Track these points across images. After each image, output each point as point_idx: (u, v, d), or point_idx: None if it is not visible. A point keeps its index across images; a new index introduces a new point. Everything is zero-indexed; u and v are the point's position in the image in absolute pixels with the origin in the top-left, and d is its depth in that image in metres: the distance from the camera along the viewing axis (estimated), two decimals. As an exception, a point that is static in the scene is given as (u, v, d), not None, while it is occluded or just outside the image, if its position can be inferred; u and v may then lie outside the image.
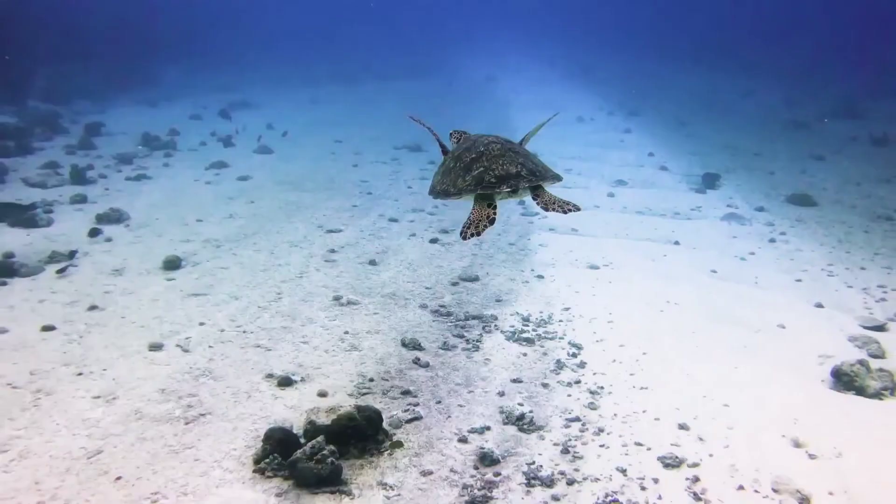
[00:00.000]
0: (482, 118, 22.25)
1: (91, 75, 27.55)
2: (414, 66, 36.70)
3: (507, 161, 4.14)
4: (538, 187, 4.21)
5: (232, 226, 10.59)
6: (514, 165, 4.11)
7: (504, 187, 4.04)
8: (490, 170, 4.10)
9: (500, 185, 4.05)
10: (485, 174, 4.10)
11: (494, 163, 4.13)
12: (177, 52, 34.68)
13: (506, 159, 4.14)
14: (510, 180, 4.05)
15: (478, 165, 4.15)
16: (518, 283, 8.57)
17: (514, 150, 4.28)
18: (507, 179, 4.05)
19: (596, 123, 21.53)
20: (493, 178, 4.07)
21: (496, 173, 4.08)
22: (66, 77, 26.54)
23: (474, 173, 4.13)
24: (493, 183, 4.05)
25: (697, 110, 24.45)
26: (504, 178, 4.06)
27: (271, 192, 12.67)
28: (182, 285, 8.18)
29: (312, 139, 18.45)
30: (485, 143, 4.31)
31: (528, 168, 4.14)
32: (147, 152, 15.99)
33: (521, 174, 4.08)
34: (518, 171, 4.09)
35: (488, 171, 4.10)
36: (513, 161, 4.14)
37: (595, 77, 33.60)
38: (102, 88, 26.97)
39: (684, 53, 39.15)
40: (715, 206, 12.79)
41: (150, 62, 31.98)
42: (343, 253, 9.47)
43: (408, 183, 13.65)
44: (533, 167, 4.19)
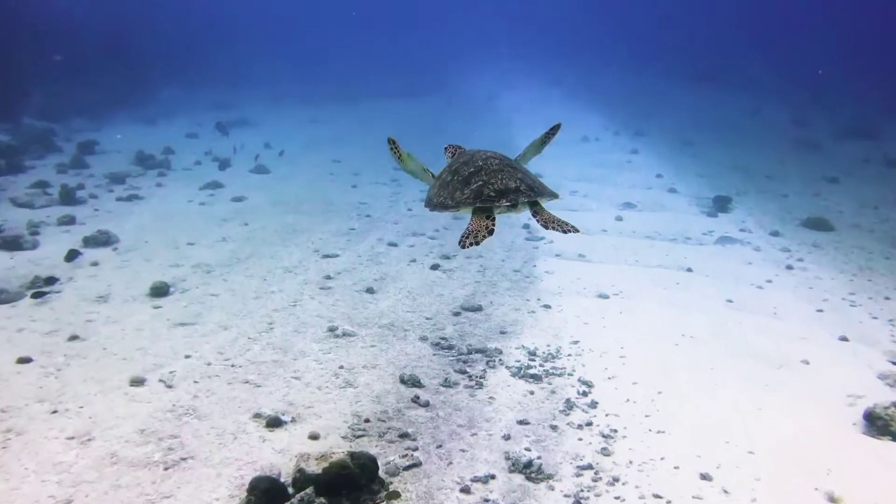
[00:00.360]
0: (483, 137, 21.84)
1: (88, 92, 27.25)
2: (414, 84, 36.38)
3: (507, 176, 4.13)
4: (536, 204, 4.25)
5: (224, 250, 10.15)
6: (514, 180, 4.11)
7: (503, 201, 4.02)
8: (489, 184, 4.08)
9: (499, 199, 4.03)
10: (484, 188, 4.07)
11: (493, 177, 4.11)
12: (175, 68, 34.40)
13: (505, 174, 4.14)
14: (509, 195, 4.04)
15: (476, 179, 4.13)
16: (524, 313, 8.11)
17: (512, 165, 4.29)
18: (507, 194, 4.04)
19: (601, 143, 21.14)
20: (492, 192, 4.04)
21: (495, 187, 4.05)
22: (62, 94, 26.24)
23: (473, 187, 4.10)
24: (493, 197, 4.03)
25: (704, 129, 24.05)
26: (503, 193, 4.04)
27: (267, 214, 12.24)
28: (169, 314, 7.73)
29: (310, 159, 18.05)
30: (483, 157, 4.31)
31: (527, 184, 4.16)
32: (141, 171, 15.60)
33: (521, 189, 4.08)
34: (517, 186, 4.08)
35: (487, 185, 4.07)
36: (512, 176, 4.14)
37: (599, 95, 33.22)
38: (99, 106, 26.66)
39: (688, 70, 38.83)
40: (727, 230, 12.35)
41: (149, 79, 31.70)
42: (339, 280, 9.02)
43: (408, 205, 13.22)
44: (532, 183, 4.22)
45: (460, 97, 33.20)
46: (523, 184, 4.14)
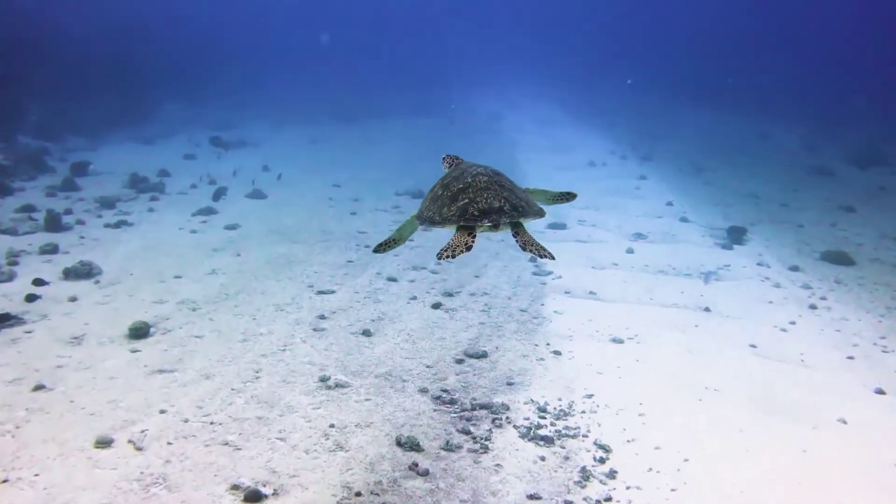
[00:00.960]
0: (486, 159, 21.28)
1: (87, 110, 26.79)
2: (417, 103, 35.94)
3: (492, 195, 4.17)
4: (519, 224, 4.26)
5: (213, 284, 9.53)
6: (498, 200, 4.15)
7: (486, 221, 4.08)
8: (474, 202, 4.14)
9: (482, 218, 4.08)
10: (469, 206, 4.13)
11: (479, 195, 4.16)
12: (177, 86, 34.00)
13: (490, 193, 4.18)
14: (492, 215, 4.09)
15: (463, 196, 4.19)
16: (532, 360, 7.48)
17: (500, 182, 4.31)
18: (490, 214, 4.09)
19: (609, 168, 20.56)
20: (475, 212, 4.10)
21: (479, 206, 4.11)
22: (60, 112, 25.79)
23: (459, 204, 4.17)
24: (476, 216, 4.09)
25: (713, 154, 23.50)
26: (486, 213, 4.09)
27: (260, 244, 11.64)
28: (147, 359, 7.11)
29: (309, 182, 17.48)
30: (473, 173, 4.34)
31: (511, 203, 4.17)
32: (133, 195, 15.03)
33: (504, 209, 4.12)
34: (501, 206, 4.12)
35: (472, 204, 4.13)
36: (497, 195, 4.18)
37: (604, 116, 32.76)
38: (97, 124, 26.18)
39: (692, 91, 38.38)
40: (744, 263, 11.73)
41: (149, 97, 31.28)
42: (334, 319, 8.40)
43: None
44: (517, 202, 4.22)
45: (463, 116, 32.71)
46: (507, 203, 4.16)
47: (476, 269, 10.67)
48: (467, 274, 10.42)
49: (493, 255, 11.45)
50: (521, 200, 4.31)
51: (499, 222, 4.13)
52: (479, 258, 11.28)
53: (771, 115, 32.11)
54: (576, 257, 11.58)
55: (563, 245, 12.27)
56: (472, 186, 4.23)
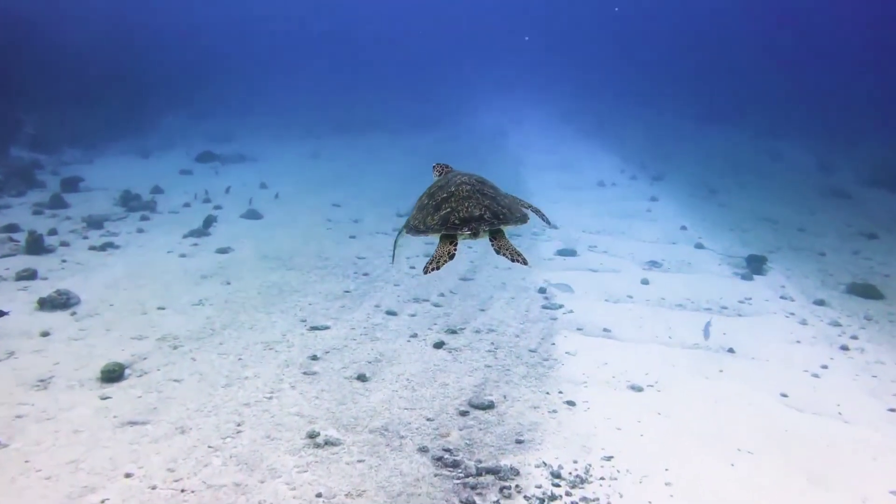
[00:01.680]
0: (491, 176, 20.63)
1: (84, 122, 26.22)
2: (421, 118, 35.36)
3: (473, 204, 4.24)
4: (499, 230, 4.31)
5: (198, 317, 8.85)
6: (479, 208, 4.23)
7: (465, 229, 4.15)
8: (456, 211, 4.22)
9: (462, 227, 4.16)
10: (450, 215, 4.21)
11: (461, 205, 4.24)
12: (176, 98, 33.48)
13: (472, 202, 4.26)
14: (472, 223, 4.17)
15: (446, 206, 4.27)
16: (543, 412, 6.78)
17: (482, 191, 4.37)
18: (470, 222, 4.17)
19: (618, 189, 19.88)
20: (456, 220, 4.18)
21: (460, 215, 4.19)
22: (57, 124, 25.22)
23: (442, 213, 4.25)
24: (457, 225, 4.17)
25: (725, 174, 22.83)
26: (467, 221, 4.17)
27: (252, 271, 10.96)
28: (118, 407, 6.42)
29: (308, 201, 16.82)
30: (457, 182, 4.42)
31: (492, 211, 4.24)
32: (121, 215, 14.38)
33: (484, 217, 4.19)
34: (481, 215, 4.20)
35: (454, 213, 4.21)
36: (478, 204, 4.25)
37: (612, 131, 32.12)
38: (94, 136, 25.61)
39: (702, 109, 37.76)
40: (766, 296, 11.04)
41: (148, 109, 30.72)
42: (327, 361, 7.70)
43: (410, 261, 11.93)
44: (498, 210, 4.27)
45: (469, 131, 32.09)
46: (489, 212, 4.22)
47: (481, 302, 9.98)
48: (472, 307, 9.74)
49: (499, 286, 10.77)
50: (504, 208, 4.33)
51: (478, 230, 4.19)
52: (484, 289, 10.60)
53: (783, 133, 31.50)
54: (588, 288, 10.89)
55: (574, 275, 11.57)
56: (455, 195, 4.31)
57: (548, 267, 12.04)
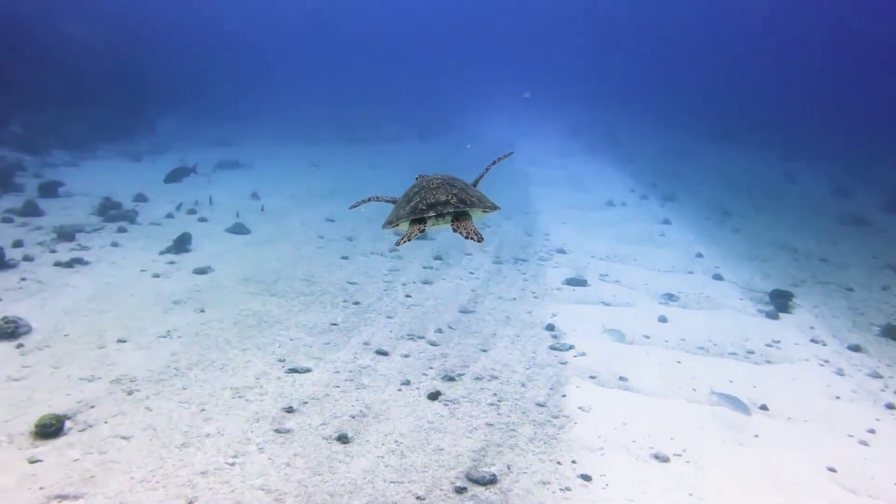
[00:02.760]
0: (497, 192, 19.63)
1: (76, 122, 25.25)
2: (427, 127, 34.37)
3: (441, 192, 4.67)
4: (464, 214, 4.68)
5: (163, 352, 7.82)
6: (446, 195, 4.65)
7: (431, 212, 4.54)
8: (424, 199, 4.66)
9: (428, 210, 4.56)
10: (419, 203, 4.65)
11: (429, 194, 4.68)
12: (175, 100, 32.54)
13: (440, 190, 4.69)
14: (438, 206, 4.57)
15: (416, 197, 4.74)
16: (554, 489, 5.75)
17: (452, 183, 4.81)
18: (436, 206, 4.58)
19: (628, 210, 18.86)
20: (423, 206, 4.61)
21: (428, 202, 4.62)
22: (46, 123, 24.26)
23: (412, 203, 4.71)
24: (423, 209, 4.58)
25: (739, 196, 21.83)
26: (433, 205, 4.60)
27: (231, 296, 9.93)
28: (48, 475, 5.39)
29: (301, 214, 15.81)
30: (430, 179, 4.92)
31: (459, 198, 4.64)
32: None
33: (450, 201, 4.60)
34: (447, 199, 4.62)
35: (422, 201, 4.66)
36: (446, 192, 4.67)
37: (622, 149, 31.13)
38: (86, 137, 24.66)
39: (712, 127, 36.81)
40: (795, 339, 10.02)
41: (146, 110, 29.77)
42: (304, 415, 6.67)
43: (406, 288, 10.91)
44: (465, 197, 4.68)
45: (474, 143, 31.11)
46: (455, 198, 4.62)
47: (483, 340, 8.96)
48: (472, 347, 8.71)
49: (502, 321, 9.74)
50: (472, 197, 4.74)
51: (443, 212, 4.54)
52: (486, 324, 9.58)
53: (796, 153, 30.53)
54: (600, 325, 9.86)
55: (585, 309, 10.55)
56: (425, 188, 4.76)
57: (556, 298, 11.03)
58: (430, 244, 13.73)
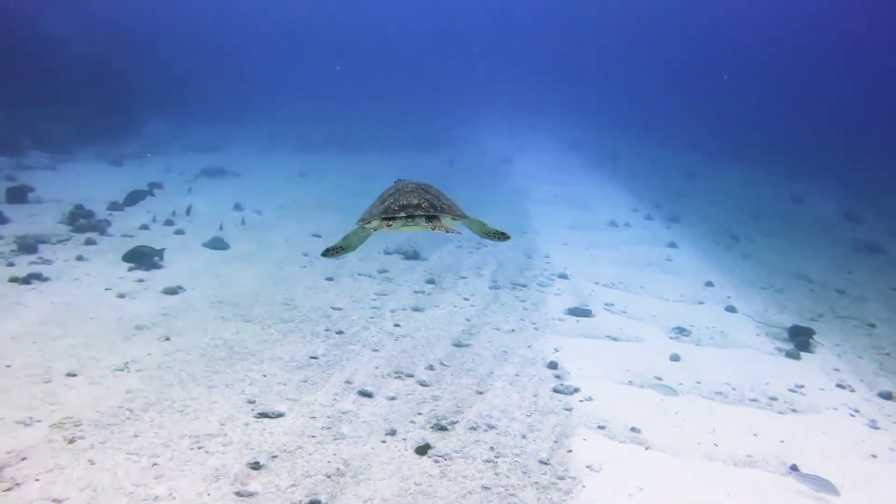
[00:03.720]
0: (493, 210, 18.79)
1: (57, 122, 24.29)
2: (422, 138, 33.49)
3: (413, 196, 4.94)
4: (436, 217, 4.88)
5: (117, 389, 6.87)
6: (417, 198, 4.91)
7: (402, 213, 4.80)
8: (397, 201, 4.92)
9: (400, 212, 4.82)
10: (392, 204, 4.90)
11: (403, 196, 4.94)
12: (163, 103, 31.59)
13: (413, 194, 4.96)
14: (409, 209, 4.83)
15: (391, 198, 4.98)
16: (564, 579, 4.82)
17: (425, 189, 5.07)
18: (407, 208, 4.83)
19: (632, 231, 17.98)
20: (396, 207, 4.87)
21: (400, 203, 4.89)
22: (25, 123, 23.29)
23: (386, 203, 4.95)
24: (395, 210, 4.84)
25: (745, 219, 21.01)
26: (404, 207, 4.85)
27: (202, 321, 8.99)
28: (-43, 550, 4.44)
29: (286, 229, 14.89)
30: (404, 183, 5.17)
31: (430, 203, 4.90)
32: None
33: (421, 205, 4.85)
34: (418, 203, 4.87)
35: (395, 202, 4.91)
36: (418, 196, 4.94)
37: (622, 166, 30.32)
38: (67, 138, 23.69)
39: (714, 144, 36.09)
40: (820, 383, 9.15)
41: (130, 111, 28.82)
42: (272, 472, 5.73)
43: (395, 316, 9.99)
44: (436, 203, 4.95)
45: (469, 157, 30.26)
46: (426, 202, 4.90)
47: (479, 380, 8.05)
48: (467, 388, 7.79)
49: (500, 356, 8.84)
50: (443, 203, 5.03)
51: (414, 214, 4.82)
52: (482, 360, 8.67)
53: (802, 174, 29.79)
54: (607, 364, 8.97)
55: (590, 344, 9.65)
56: (399, 191, 5.04)
57: (558, 330, 10.12)
58: (423, 265, 12.83)
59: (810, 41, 53.63)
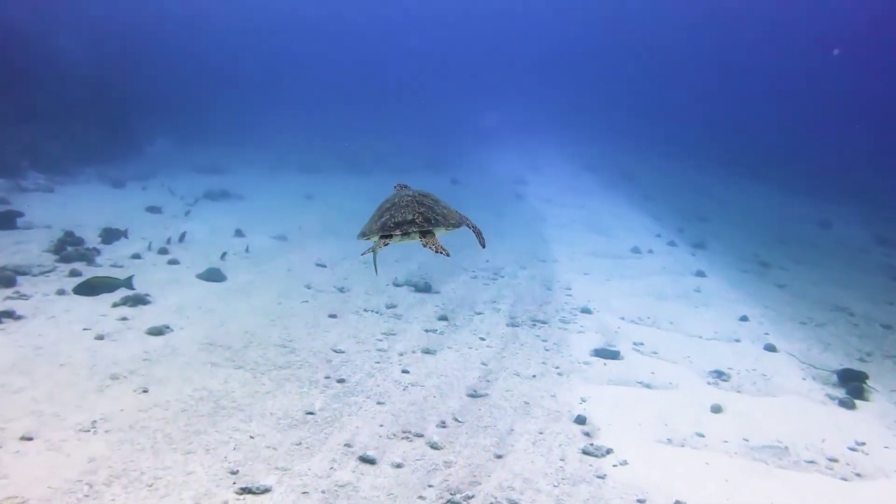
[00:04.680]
0: (509, 235, 17.85)
1: (58, 142, 23.52)
2: (432, 158, 32.61)
3: (409, 210, 5.07)
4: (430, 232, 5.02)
5: (78, 457, 5.91)
6: (412, 214, 5.05)
7: (397, 231, 4.98)
8: (393, 217, 5.06)
9: (395, 229, 4.99)
10: (388, 221, 5.06)
11: (398, 211, 5.08)
12: (168, 122, 30.91)
13: (408, 209, 5.08)
14: (404, 225, 4.99)
15: (386, 214, 5.13)
16: None
17: (420, 201, 5.18)
18: (402, 225, 5.00)
19: (657, 258, 16.97)
20: (391, 224, 5.02)
21: (395, 220, 5.03)
22: (25, 143, 22.52)
23: (382, 220, 5.10)
24: (391, 227, 5.01)
25: (773, 244, 19.98)
26: (399, 224, 5.01)
27: (186, 368, 8.03)
28: None
29: (288, 257, 13.98)
30: (401, 195, 5.32)
31: (424, 217, 5.03)
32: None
33: (415, 220, 5.00)
34: (413, 219, 5.01)
35: (391, 219, 5.05)
36: (413, 210, 5.07)
37: (640, 187, 29.35)
38: (67, 159, 22.92)
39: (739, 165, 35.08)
40: (883, 439, 8.11)
41: (134, 131, 28.10)
42: (250, 573, 4.74)
43: (404, 360, 9.00)
44: (431, 216, 5.07)
45: (482, 176, 29.36)
46: (421, 217, 5.03)
47: (498, 439, 7.04)
48: (484, 450, 6.78)
49: (521, 409, 7.83)
50: (437, 215, 5.12)
51: (408, 231, 4.97)
52: (501, 412, 7.67)
53: (825, 195, 28.74)
54: (641, 416, 7.95)
55: (620, 393, 8.63)
56: (396, 205, 5.16)
57: (584, 375, 9.11)
58: (435, 300, 11.86)
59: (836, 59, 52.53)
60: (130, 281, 10.06)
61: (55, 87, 25.79)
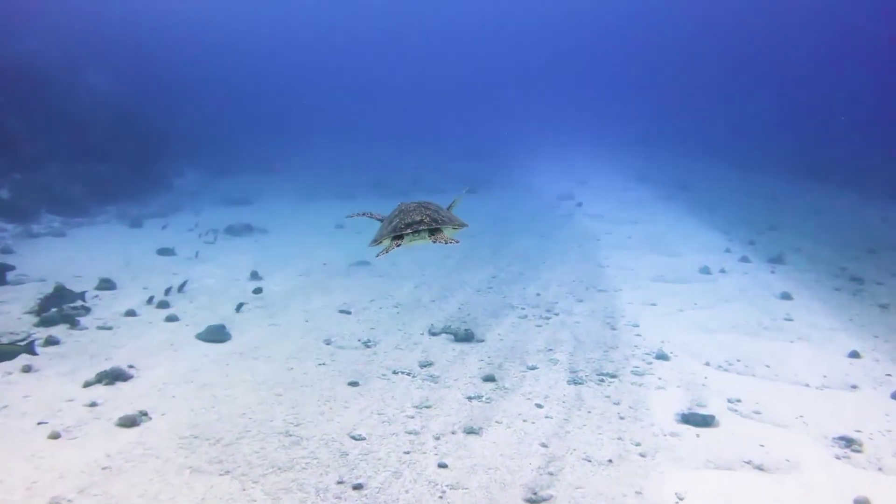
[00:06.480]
0: (560, 261, 15.86)
1: (77, 182, 22.27)
2: (471, 177, 30.74)
3: (416, 213, 5.57)
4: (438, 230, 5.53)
5: None
6: (420, 216, 5.54)
7: (408, 230, 5.43)
8: (402, 220, 5.54)
9: (406, 229, 5.44)
10: (399, 224, 5.53)
11: (407, 216, 5.57)
12: (195, 155, 29.67)
13: (416, 212, 5.58)
14: (413, 225, 5.46)
15: (396, 220, 5.61)
16: None
17: (427, 206, 5.70)
18: (412, 224, 5.47)
19: (731, 279, 14.74)
20: (402, 225, 5.50)
21: (405, 222, 5.51)
22: (41, 184, 21.32)
23: (393, 224, 5.58)
24: (402, 228, 5.47)
25: (859, 254, 17.57)
26: (410, 224, 5.48)
27: (155, 480, 6.15)
28: None
29: (307, 303, 12.17)
30: (407, 204, 5.81)
31: (431, 217, 5.54)
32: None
33: (424, 221, 5.49)
34: (421, 219, 5.50)
35: (401, 221, 5.54)
36: (420, 213, 5.57)
37: (697, 196, 27.08)
38: (84, 198, 21.63)
39: (796, 165, 32.56)
40: None
41: (161, 164, 26.83)
42: None
43: (441, 447, 7.01)
44: (437, 217, 5.59)
45: (525, 193, 27.38)
46: (428, 217, 5.53)
47: None
48: None
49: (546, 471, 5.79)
50: (443, 217, 5.64)
51: (418, 229, 5.42)
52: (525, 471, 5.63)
53: None
54: (762, 521, 5.86)
55: (725, 480, 6.53)
56: (404, 211, 5.65)
57: (673, 454, 7.03)
58: (478, 351, 9.87)
59: None
60: (32, 346, 8.34)
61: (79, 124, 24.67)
